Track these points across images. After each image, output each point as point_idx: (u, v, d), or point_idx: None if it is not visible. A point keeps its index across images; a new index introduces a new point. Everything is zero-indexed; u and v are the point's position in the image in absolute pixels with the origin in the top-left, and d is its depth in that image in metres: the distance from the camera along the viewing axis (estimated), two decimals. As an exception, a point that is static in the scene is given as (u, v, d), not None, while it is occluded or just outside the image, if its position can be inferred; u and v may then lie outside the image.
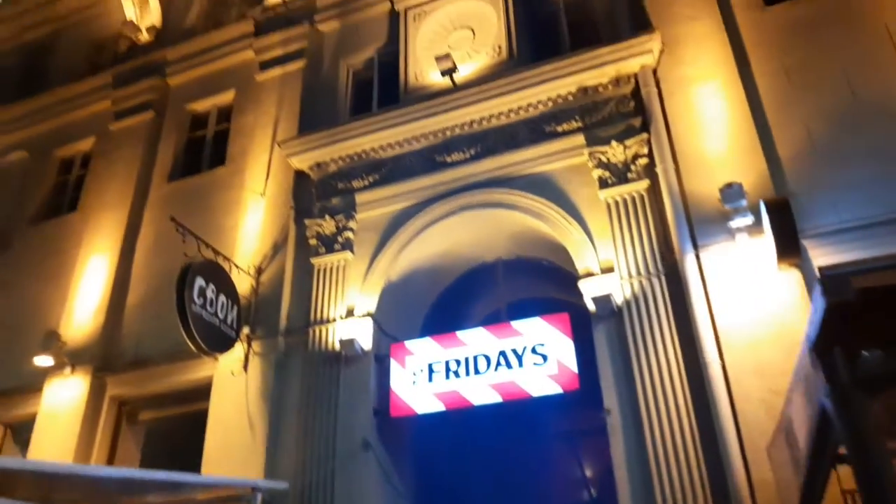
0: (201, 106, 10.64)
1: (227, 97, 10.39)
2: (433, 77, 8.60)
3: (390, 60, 9.40)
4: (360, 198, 8.17)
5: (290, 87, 9.64)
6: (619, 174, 6.90)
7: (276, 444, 7.06)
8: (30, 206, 11.00)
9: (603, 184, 6.93)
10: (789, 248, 5.44)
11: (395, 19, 9.58)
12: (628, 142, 6.96)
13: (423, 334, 7.90)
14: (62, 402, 8.21)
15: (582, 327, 6.61)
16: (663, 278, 6.30)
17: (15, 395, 8.74)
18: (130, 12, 11.62)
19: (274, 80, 9.85)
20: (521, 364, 6.55)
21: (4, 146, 11.94)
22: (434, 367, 6.90)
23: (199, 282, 7.02)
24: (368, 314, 7.43)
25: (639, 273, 6.42)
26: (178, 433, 8.07)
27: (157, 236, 9.29)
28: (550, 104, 7.56)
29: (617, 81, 7.31)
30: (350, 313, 7.52)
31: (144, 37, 11.51)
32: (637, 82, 7.23)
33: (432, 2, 9.25)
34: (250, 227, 8.60)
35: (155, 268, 9.01)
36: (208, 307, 7.06)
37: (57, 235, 10.23)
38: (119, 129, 10.76)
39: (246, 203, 8.84)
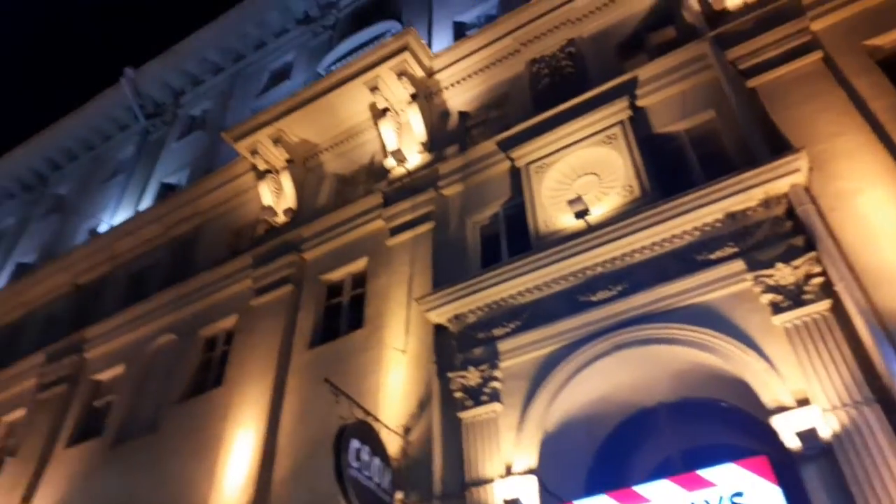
0: (336, 275, 11.11)
1: (360, 264, 10.83)
2: (564, 221, 8.66)
3: (515, 213, 9.62)
4: (502, 346, 7.96)
5: (420, 248, 9.95)
6: (793, 297, 6.39)
7: None
8: (177, 387, 11.44)
9: (776, 308, 6.41)
10: None
11: (516, 175, 9.92)
12: (796, 262, 6.52)
13: (588, 490, 7.21)
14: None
15: (779, 472, 5.78)
16: (876, 405, 5.52)
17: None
18: (268, 199, 12.72)
19: (405, 243, 10.23)
20: (718, 519, 5.72)
21: (154, 331, 12.78)
22: (614, 529, 6.15)
23: (355, 444, 6.81)
24: (530, 470, 6.88)
25: (843, 403, 5.66)
26: None
27: (302, 404, 9.31)
28: (697, 233, 7.33)
29: (766, 203, 7.03)
30: (508, 471, 7.00)
31: (281, 219, 12.45)
32: (790, 202, 6.91)
33: (552, 154, 9.56)
34: (393, 385, 8.47)
35: (301, 438, 8.94)
36: (364, 471, 6.77)
37: (202, 412, 10.48)
38: (259, 304, 11.31)
39: (387, 362, 8.80)
